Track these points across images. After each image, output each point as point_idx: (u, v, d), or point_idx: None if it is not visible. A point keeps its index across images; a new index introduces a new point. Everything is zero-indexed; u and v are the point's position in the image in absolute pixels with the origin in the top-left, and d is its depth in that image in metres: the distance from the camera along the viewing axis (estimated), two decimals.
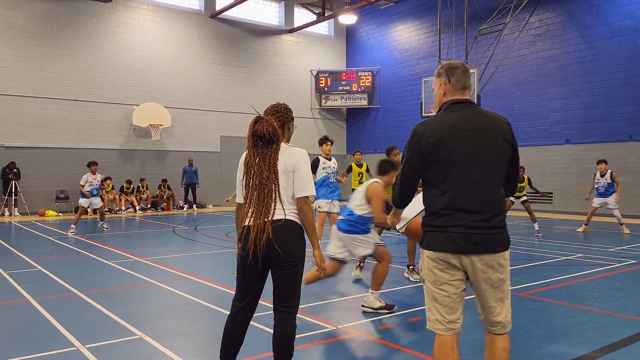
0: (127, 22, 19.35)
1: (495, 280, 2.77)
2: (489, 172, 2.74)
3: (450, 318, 2.81)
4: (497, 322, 2.84)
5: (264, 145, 3.22)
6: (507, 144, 2.78)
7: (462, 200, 2.71)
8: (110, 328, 4.84)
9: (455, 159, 2.72)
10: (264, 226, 3.12)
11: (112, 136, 19.05)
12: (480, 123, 2.77)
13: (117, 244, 10.49)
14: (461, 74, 2.84)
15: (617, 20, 16.09)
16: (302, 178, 3.20)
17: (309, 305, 5.63)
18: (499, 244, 2.75)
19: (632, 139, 15.73)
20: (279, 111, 3.38)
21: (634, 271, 7.56)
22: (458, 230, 2.69)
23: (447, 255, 2.74)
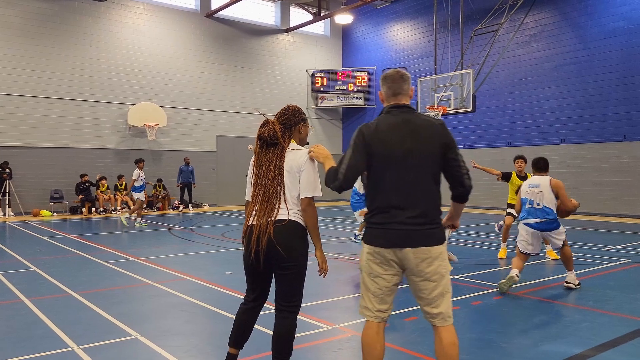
0: (123, 21, 19.30)
1: (432, 273, 2.94)
2: (422, 171, 2.94)
3: (380, 307, 3.05)
4: (437, 314, 3.00)
5: (270, 147, 3.33)
6: (439, 144, 2.96)
7: (397, 198, 2.92)
8: (106, 328, 4.82)
9: (391, 159, 2.94)
10: (266, 226, 3.19)
11: (107, 136, 18.99)
12: (413, 125, 2.97)
13: (112, 244, 10.46)
14: (391, 82, 3.09)
15: (610, 21, 16.16)
16: (307, 179, 3.25)
17: (304, 305, 5.62)
18: (432, 238, 2.94)
19: (626, 139, 15.80)
20: (285, 114, 3.44)
21: (628, 270, 7.60)
22: (393, 227, 2.91)
23: (382, 250, 2.96)
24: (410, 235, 2.90)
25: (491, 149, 19.11)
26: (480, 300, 5.79)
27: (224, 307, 5.54)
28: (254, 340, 4.28)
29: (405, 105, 3.08)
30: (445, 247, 3.04)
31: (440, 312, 3.00)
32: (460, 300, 5.78)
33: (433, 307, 3.00)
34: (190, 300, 5.85)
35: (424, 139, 2.95)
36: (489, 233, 12.13)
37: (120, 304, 5.77)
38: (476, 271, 7.49)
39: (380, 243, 2.96)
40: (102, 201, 18.02)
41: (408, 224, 2.90)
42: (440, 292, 2.99)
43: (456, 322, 4.96)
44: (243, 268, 3.50)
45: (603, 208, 16.18)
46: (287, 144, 3.35)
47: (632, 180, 15.62)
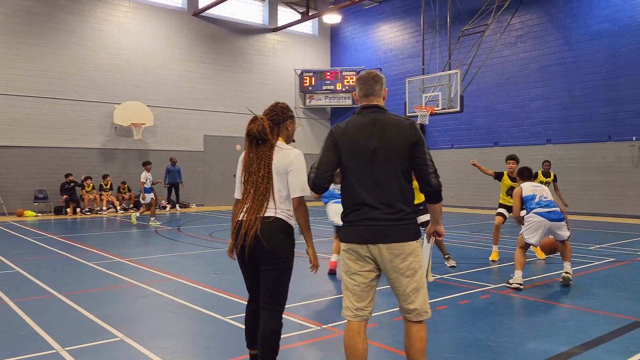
0: (108, 20, 19.11)
1: (406, 269, 3.01)
2: (390, 169, 3.01)
3: (359, 305, 3.07)
4: (412, 310, 3.06)
5: (259, 145, 3.36)
6: (406, 143, 3.01)
7: (367, 196, 3.01)
8: (91, 330, 4.77)
9: (359, 158, 3.04)
10: (254, 222, 3.23)
11: (92, 135, 18.79)
12: (381, 124, 3.06)
13: (98, 245, 10.36)
14: (362, 84, 3.22)
15: (595, 23, 16.34)
16: (296, 179, 3.28)
17: (292, 305, 5.61)
18: (405, 234, 2.99)
19: (611, 139, 15.99)
20: (274, 110, 3.50)
21: (613, 269, 7.68)
22: (365, 223, 3.00)
23: (355, 246, 3.04)
24: (383, 231, 2.97)
25: (478, 149, 19.22)
26: (468, 300, 5.82)
27: (211, 308, 5.50)
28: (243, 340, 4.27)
29: (375, 106, 3.17)
30: (419, 243, 3.10)
31: (415, 308, 3.06)
32: (448, 300, 5.80)
33: (409, 303, 3.06)
34: (177, 301, 5.80)
35: (391, 138, 3.02)
36: (476, 232, 12.20)
37: (106, 305, 5.71)
38: (464, 270, 7.52)
39: (354, 239, 3.04)
40: (87, 201, 17.83)
41: (380, 219, 2.98)
42: (415, 287, 3.04)
43: (444, 321, 5.00)
44: (230, 269, 3.49)
45: (588, 207, 16.35)
46: (275, 140, 3.39)
47: (616, 180, 15.81)
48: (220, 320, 5.08)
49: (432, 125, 19.80)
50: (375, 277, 3.11)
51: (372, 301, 3.14)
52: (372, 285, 3.11)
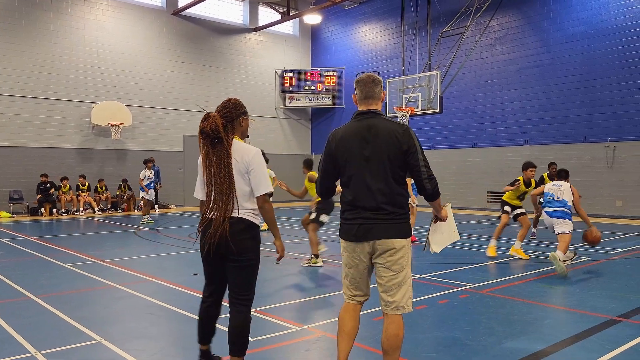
0: (86, 18, 18.83)
1: (393, 263, 3.20)
2: (383, 174, 3.18)
3: (354, 293, 3.38)
4: (391, 302, 3.23)
5: (215, 144, 3.34)
6: (398, 149, 3.16)
7: (361, 198, 3.21)
8: (67, 333, 4.69)
9: (354, 163, 3.23)
10: (222, 222, 3.28)
11: (69, 135, 18.49)
12: (375, 132, 3.19)
13: (75, 246, 10.19)
14: (363, 86, 3.32)
15: (572, 26, 16.64)
16: (258, 177, 3.36)
17: (273, 306, 5.60)
18: (394, 231, 3.19)
19: (586, 140, 16.29)
20: (226, 107, 3.51)
21: (588, 268, 7.83)
22: (358, 222, 3.22)
23: (350, 243, 3.29)
24: (373, 229, 3.18)
25: (458, 150, 19.42)
26: (447, 299, 5.87)
27: (190, 309, 5.45)
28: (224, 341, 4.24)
29: (371, 111, 3.29)
30: (409, 242, 3.27)
31: (394, 300, 3.23)
32: (427, 299, 5.84)
33: (389, 295, 3.23)
34: (155, 303, 5.74)
35: (384, 145, 3.17)
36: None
37: (82, 307, 5.62)
38: (443, 270, 7.59)
39: (349, 237, 3.28)
40: (64, 202, 17.53)
41: (372, 218, 3.18)
42: (399, 282, 3.22)
43: (424, 321, 5.03)
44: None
45: None
46: (230, 137, 3.38)
47: (592, 180, 16.11)
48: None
49: (412, 125, 19.86)
50: (368, 270, 3.35)
51: (367, 289, 3.41)
52: (365, 276, 3.36)
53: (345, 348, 3.33)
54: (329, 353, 4.22)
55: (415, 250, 9.56)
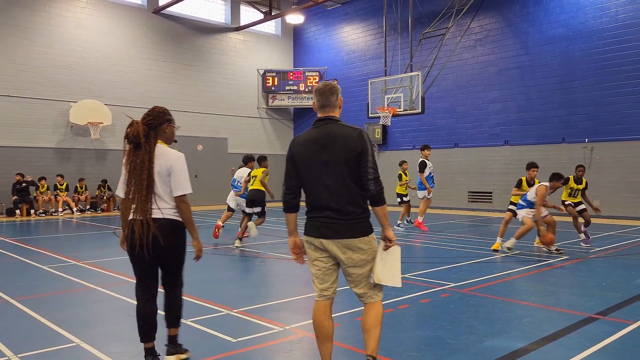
0: (64, 15, 18.54)
1: (358, 260, 3.40)
2: (340, 177, 3.35)
3: (322, 287, 3.50)
4: (362, 294, 3.49)
5: (139, 149, 3.61)
6: (352, 152, 3.32)
7: (321, 198, 3.40)
8: (45, 336, 4.61)
9: (313, 167, 3.40)
10: (147, 223, 3.56)
11: (47, 134, 18.19)
12: (332, 136, 3.38)
13: (53, 247, 10.03)
14: (320, 95, 3.50)
15: (550, 28, 16.89)
16: (177, 179, 3.68)
17: (255, 306, 5.58)
18: (355, 231, 3.36)
19: (565, 140, 16.55)
20: (151, 115, 3.76)
21: (567, 266, 7.95)
22: (321, 221, 3.40)
23: (313, 239, 3.45)
24: (335, 230, 3.35)
25: (439, 150, 19.56)
26: (429, 298, 5.91)
27: None
28: (207, 342, 4.20)
29: (328, 118, 3.48)
30: (373, 237, 3.44)
31: (365, 292, 3.48)
32: (409, 299, 5.87)
33: (359, 288, 3.49)
34: (135, 304, 5.66)
35: (341, 148, 3.34)
36: (437, 232, 12.40)
37: (61, 309, 5.53)
38: (425, 269, 7.63)
39: (312, 233, 3.46)
40: (41, 202, 17.24)
41: (334, 219, 3.36)
42: (365, 276, 3.45)
43: (405, 320, 5.06)
44: (189, 270, 3.47)
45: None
46: (153, 143, 3.65)
47: None
48: (181, 322, 4.98)
49: (394, 126, 20.04)
50: (334, 263, 3.48)
51: (334, 283, 3.53)
52: (332, 269, 3.49)
53: (328, 351, 3.49)
54: (311, 353, 4.22)
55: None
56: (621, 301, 5.77)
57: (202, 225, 14.08)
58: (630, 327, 4.80)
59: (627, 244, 10.27)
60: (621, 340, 4.45)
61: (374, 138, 21.50)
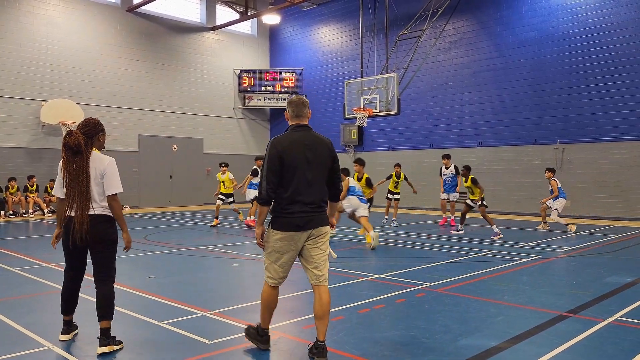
0: (35, 12, 18.13)
1: (322, 244, 4.06)
2: (319, 174, 4.04)
3: (283, 275, 4.12)
4: (321, 275, 4.04)
5: (76, 154, 4.15)
6: (330, 157, 4.10)
7: (302, 193, 3.94)
8: (14, 339, 4.50)
9: (298, 164, 3.93)
10: (82, 218, 4.12)
11: (17, 133, 17.76)
12: (313, 140, 4.05)
13: (23, 249, 9.80)
14: (295, 106, 4.10)
15: (523, 31, 17.20)
16: (110, 181, 4.25)
17: (231, 308, 5.54)
18: (324, 220, 4.08)
19: (537, 142, 16.87)
20: (87, 125, 4.30)
21: (539, 265, 8.10)
22: (299, 215, 3.94)
23: (291, 234, 3.95)
24: (311, 220, 3.97)
25: (415, 151, 19.75)
26: (404, 298, 5.95)
27: (146, 313, 5.34)
28: (184, 346, 4.16)
29: (305, 125, 4.12)
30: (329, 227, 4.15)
31: (323, 274, 4.06)
32: (385, 299, 5.91)
33: (319, 270, 4.04)
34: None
35: (321, 152, 4.04)
36: (412, 232, 12.50)
37: (31, 313, 5.41)
38: (400, 269, 7.69)
39: (292, 228, 3.93)
40: (11, 204, 16.83)
41: (310, 211, 3.97)
42: (325, 258, 4.09)
43: (381, 320, 5.09)
44: (166, 272, 3.40)
45: (516, 207, 17.17)
46: (89, 151, 4.22)
47: (542, 181, 16.64)
48: (156, 325, 4.93)
49: (370, 127, 20.14)
50: (296, 255, 4.09)
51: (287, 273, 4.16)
52: (293, 261, 4.12)
53: (270, 319, 4.26)
54: (288, 355, 4.21)
55: (380, 250, 9.68)
56: (591, 299, 5.91)
57: (184, 226, 13.93)
58: (600, 324, 4.92)
59: (596, 243, 10.51)
60: (590, 337, 4.56)
61: (350, 139, 21.58)
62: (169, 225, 14.24)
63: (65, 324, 4.47)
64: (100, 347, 4.17)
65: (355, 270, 7.59)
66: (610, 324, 4.95)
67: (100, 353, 4.13)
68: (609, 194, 15.49)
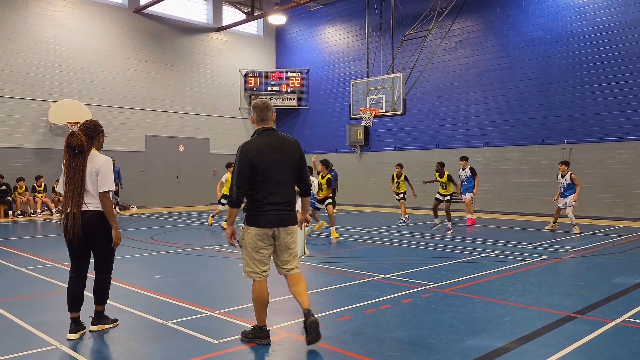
0: (43, 14, 18.26)
1: (291, 242, 4.40)
2: (289, 174, 4.30)
3: (264, 269, 4.38)
4: (290, 268, 4.44)
5: (77, 154, 4.45)
6: (298, 155, 4.36)
7: (274, 193, 4.23)
8: (23, 338, 4.54)
9: (267, 167, 4.18)
10: (78, 215, 4.41)
11: (25, 134, 17.89)
12: (281, 143, 4.30)
13: (31, 249, 9.86)
14: (260, 111, 4.37)
15: (530, 31, 17.12)
16: (103, 179, 4.50)
17: (237, 308, 5.56)
18: (294, 219, 4.39)
19: (544, 142, 16.79)
20: (88, 127, 4.63)
21: (546, 266, 8.06)
22: (273, 213, 4.23)
23: (266, 230, 4.25)
24: (283, 219, 4.28)
25: (421, 151, 19.71)
26: (410, 298, 5.94)
27: (153, 313, 5.36)
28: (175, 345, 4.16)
29: (271, 128, 4.38)
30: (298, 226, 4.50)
31: (292, 267, 4.45)
32: (391, 299, 5.90)
33: (288, 264, 4.42)
34: (116, 306, 5.60)
35: (290, 152, 4.30)
36: (418, 233, 12.49)
37: (39, 312, 5.45)
38: (406, 270, 7.68)
39: (267, 224, 4.23)
40: (19, 204, 16.94)
41: (282, 210, 4.27)
42: (295, 254, 4.46)
43: (387, 320, 5.09)
44: (173, 272, 3.42)
45: (522, 207, 17.10)
46: (89, 151, 4.52)
47: (549, 181, 16.59)
48: (163, 325, 4.95)
49: (376, 127, 20.13)
50: (273, 250, 4.40)
51: (269, 265, 4.42)
52: (270, 255, 4.41)
53: (265, 316, 4.40)
54: (293, 354, 4.22)
55: (385, 250, 9.65)
56: (599, 300, 5.88)
57: (191, 226, 13.98)
58: (608, 325, 4.89)
59: (604, 244, 10.46)
60: (598, 338, 4.53)
61: (356, 139, 21.57)
62: (175, 225, 14.29)
63: (72, 322, 4.57)
64: (92, 326, 4.69)
65: (361, 271, 7.59)
66: (617, 325, 4.92)
67: (91, 330, 4.66)
68: (616, 194, 15.39)
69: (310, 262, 8.32)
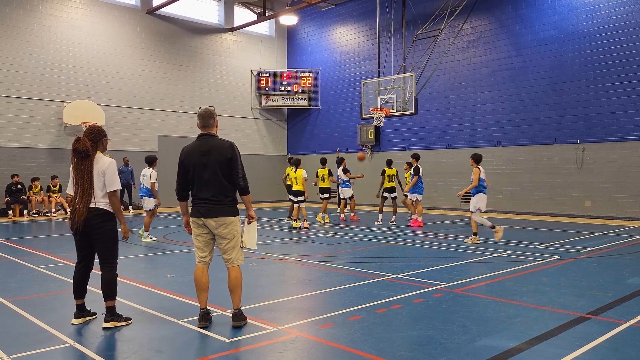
0: (57, 15, 18.46)
1: (226, 234, 4.85)
2: (215, 175, 4.78)
3: (202, 255, 4.94)
4: (228, 259, 4.91)
5: (83, 158, 4.86)
6: (224, 158, 4.79)
7: (202, 190, 4.82)
8: (38, 337, 4.60)
9: (197, 168, 4.80)
10: (83, 211, 4.81)
11: (40, 134, 18.10)
12: (210, 147, 4.82)
13: (46, 248, 9.98)
14: (202, 119, 4.96)
15: (542, 30, 16.99)
16: (109, 180, 4.91)
17: (249, 307, 5.58)
18: (224, 212, 4.82)
19: (557, 141, 16.65)
20: (92, 132, 5.04)
21: (559, 266, 8.01)
22: (202, 205, 4.81)
23: (195, 219, 4.86)
24: (210, 210, 4.79)
25: (432, 151, 19.63)
26: (422, 298, 5.94)
27: (165, 311, 5.41)
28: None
29: (208, 134, 4.93)
30: (237, 219, 4.90)
31: (230, 257, 4.91)
32: (402, 299, 5.90)
33: (227, 255, 4.91)
34: (129, 305, 5.66)
35: (215, 155, 4.78)
36: (430, 232, 12.45)
37: (54, 310, 5.52)
38: (418, 269, 7.67)
39: (195, 215, 4.85)
40: (34, 203, 17.15)
41: (209, 203, 4.79)
42: (232, 245, 4.88)
43: (399, 320, 5.09)
44: (184, 271, 3.45)
45: (535, 207, 16.97)
46: (94, 154, 4.93)
47: (561, 181, 16.47)
48: (174, 323, 5.00)
49: (387, 127, 20.10)
50: (211, 237, 4.92)
51: (210, 253, 4.98)
52: (210, 242, 4.95)
53: (204, 298, 4.90)
54: (305, 353, 4.23)
55: (397, 250, 9.65)
56: (612, 301, 5.83)
57: None
58: (621, 326, 4.85)
59: (618, 244, 10.35)
60: (612, 339, 4.50)
61: (368, 139, 21.55)
62: None
63: (77, 308, 5.03)
64: (105, 323, 4.84)
65: (372, 270, 7.59)
66: (631, 326, 4.88)
67: (104, 327, 4.81)
68: (630, 194, 15.22)
69: (322, 262, 8.34)
